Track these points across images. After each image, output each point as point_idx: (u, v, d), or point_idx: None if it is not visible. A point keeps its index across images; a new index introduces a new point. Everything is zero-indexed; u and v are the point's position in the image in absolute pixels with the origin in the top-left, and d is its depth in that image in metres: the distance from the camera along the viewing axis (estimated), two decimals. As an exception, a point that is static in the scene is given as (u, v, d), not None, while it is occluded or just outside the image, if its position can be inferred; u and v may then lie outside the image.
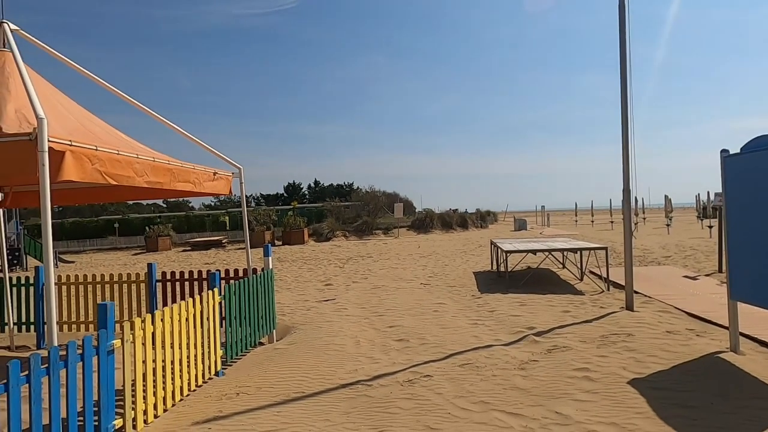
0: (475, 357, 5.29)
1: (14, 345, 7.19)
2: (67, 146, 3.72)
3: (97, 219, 39.14)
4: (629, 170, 7.05)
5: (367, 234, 29.41)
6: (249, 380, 5.01)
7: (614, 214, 34.67)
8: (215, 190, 6.42)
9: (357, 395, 4.42)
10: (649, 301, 7.79)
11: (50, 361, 3.12)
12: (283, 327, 7.44)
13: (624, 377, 4.46)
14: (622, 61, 7.03)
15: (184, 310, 4.69)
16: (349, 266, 15.56)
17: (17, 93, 4.74)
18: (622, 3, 6.98)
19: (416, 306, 8.32)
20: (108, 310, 3.65)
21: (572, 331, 6.13)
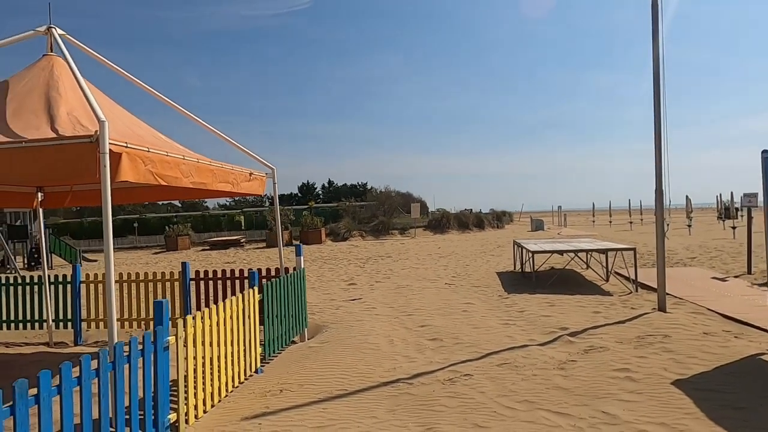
0: (512, 357, 5.32)
1: (53, 341, 7.38)
2: (124, 148, 3.82)
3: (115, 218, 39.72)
4: (662, 170, 7.02)
5: (384, 234, 29.48)
6: (289, 377, 5.10)
7: (633, 215, 34.34)
8: (250, 191, 6.51)
9: (399, 393, 4.48)
10: (680, 302, 7.74)
11: (115, 356, 3.22)
12: (314, 326, 7.52)
13: (666, 378, 4.46)
14: (655, 62, 7.01)
15: (229, 308, 4.79)
16: (370, 266, 15.63)
17: (67, 96, 4.87)
18: (655, 3, 6.95)
19: (444, 306, 8.36)
20: (164, 307, 3.75)
21: (607, 332, 6.13)
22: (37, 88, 4.88)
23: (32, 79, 5.02)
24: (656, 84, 7.02)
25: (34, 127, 4.29)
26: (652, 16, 7.02)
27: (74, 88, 5.06)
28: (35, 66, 5.25)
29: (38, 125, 4.33)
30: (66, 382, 2.80)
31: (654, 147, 7.06)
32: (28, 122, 4.36)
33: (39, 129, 4.24)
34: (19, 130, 4.19)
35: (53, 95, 4.81)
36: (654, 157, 7.07)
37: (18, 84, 4.96)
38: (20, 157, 3.75)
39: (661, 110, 6.98)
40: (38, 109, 4.58)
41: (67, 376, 2.80)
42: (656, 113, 7.04)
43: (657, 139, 7.03)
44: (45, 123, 4.37)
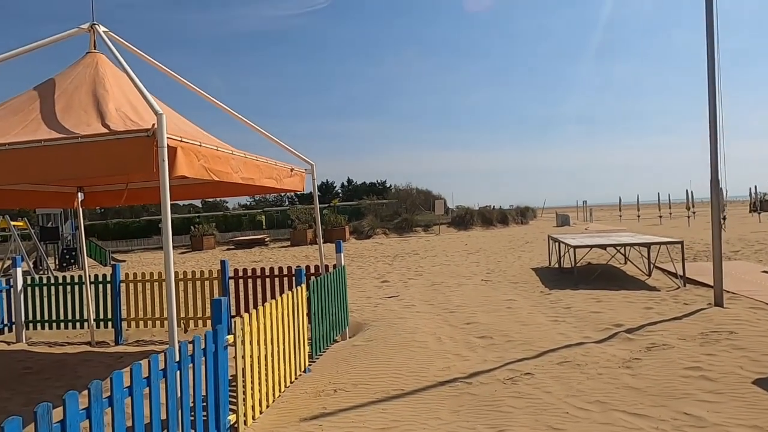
0: (571, 355, 5.11)
1: (95, 341, 7.39)
2: (179, 142, 3.72)
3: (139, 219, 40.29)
4: (717, 160, 6.71)
5: (407, 231, 29.29)
6: (341, 377, 4.96)
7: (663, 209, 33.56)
8: (292, 187, 6.38)
9: (459, 393, 4.31)
10: (734, 297, 7.40)
11: (181, 356, 3.11)
12: (355, 324, 7.39)
13: (746, 377, 4.20)
14: (709, 50, 6.69)
15: (282, 306, 4.67)
16: (398, 263, 15.47)
17: (113, 92, 4.79)
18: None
19: (486, 302, 8.15)
20: (223, 305, 3.64)
21: (665, 328, 5.86)
22: (84, 85, 4.83)
23: (78, 77, 4.97)
24: (711, 73, 6.70)
25: (86, 123, 4.21)
26: (706, 5, 6.70)
27: (119, 84, 5.00)
28: (80, 63, 5.20)
29: (89, 121, 4.25)
30: (137, 383, 2.70)
31: (709, 137, 6.75)
32: (78, 118, 4.29)
33: (90, 125, 4.16)
34: (71, 126, 4.12)
35: (100, 92, 4.74)
36: (709, 147, 6.76)
37: (65, 81, 4.91)
38: (76, 153, 3.67)
39: (716, 100, 6.66)
40: (87, 106, 4.51)
41: (138, 376, 2.70)
42: (711, 103, 6.73)
43: (712, 128, 6.72)
44: (95, 119, 4.30)
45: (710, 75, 6.70)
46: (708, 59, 6.71)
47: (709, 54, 6.70)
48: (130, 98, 4.82)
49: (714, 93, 6.66)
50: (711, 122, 6.72)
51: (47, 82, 4.99)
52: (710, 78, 6.69)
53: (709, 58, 6.71)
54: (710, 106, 6.72)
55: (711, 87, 6.69)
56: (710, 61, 6.70)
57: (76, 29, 5.12)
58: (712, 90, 6.67)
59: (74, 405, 2.24)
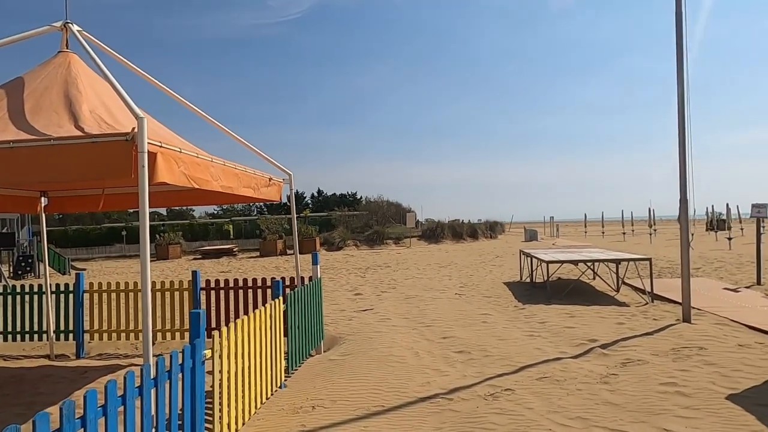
0: (549, 370, 5.13)
1: (54, 354, 7.01)
2: (159, 147, 3.58)
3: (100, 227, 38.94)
4: (686, 180, 6.93)
5: (378, 243, 29.25)
6: (318, 393, 4.84)
7: (626, 226, 34.59)
8: (269, 196, 6.26)
9: (441, 409, 4.25)
10: (700, 313, 7.62)
11: (158, 372, 2.95)
12: (330, 337, 7.26)
13: (719, 393, 4.29)
14: (679, 72, 6.95)
15: (260, 319, 4.53)
16: (371, 275, 15.38)
17: (87, 94, 4.61)
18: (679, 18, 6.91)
19: (461, 316, 8.15)
20: (201, 318, 3.49)
21: (638, 344, 5.97)
22: (55, 85, 4.62)
23: (49, 76, 4.76)
24: (680, 94, 6.96)
25: (57, 124, 4.02)
26: (676, 31, 6.98)
27: (93, 85, 4.81)
28: (51, 62, 4.99)
29: (60, 123, 4.06)
30: (111, 401, 2.53)
31: (678, 156, 6.98)
32: (49, 119, 4.09)
33: (62, 127, 3.97)
34: (42, 127, 3.92)
35: (73, 92, 4.54)
36: (678, 166, 6.99)
37: (34, 81, 4.69)
38: (48, 156, 3.48)
39: (685, 120, 6.91)
40: (59, 107, 4.31)
41: (112, 395, 2.53)
42: (680, 123, 6.97)
43: (681, 148, 6.96)
44: (68, 121, 4.10)
45: (680, 99, 6.95)
46: (678, 84, 6.97)
47: (679, 79, 6.96)
48: (104, 100, 4.63)
49: (683, 116, 6.91)
50: (680, 143, 6.96)
51: (15, 81, 4.75)
52: (680, 101, 6.94)
53: (679, 83, 6.97)
54: (679, 129, 6.96)
55: (680, 110, 6.94)
56: (680, 86, 6.96)
57: (47, 27, 4.91)
58: (681, 113, 6.92)
59: (45, 427, 2.08)
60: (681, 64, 6.94)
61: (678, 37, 6.94)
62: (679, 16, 6.92)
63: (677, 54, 6.96)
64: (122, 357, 6.82)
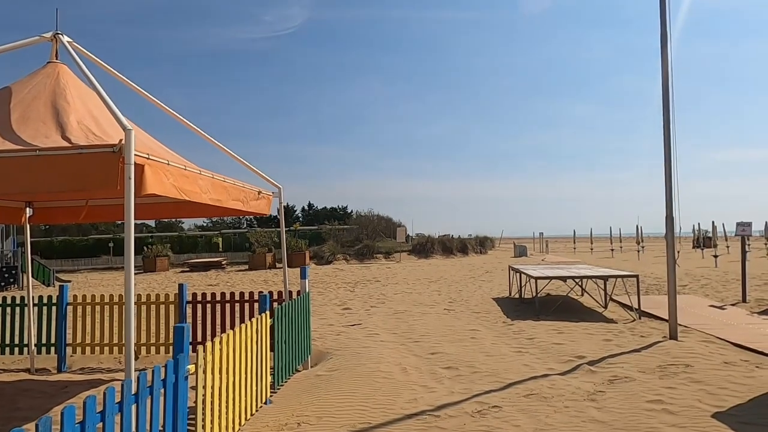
0: (536, 387, 5.11)
1: (34, 368, 6.86)
2: (146, 159, 3.56)
3: (87, 238, 38.46)
4: (672, 197, 7.03)
5: (368, 258, 29.16)
6: (304, 409, 4.77)
7: (614, 242, 34.87)
8: (258, 210, 6.23)
9: (428, 426, 4.21)
10: (687, 330, 7.67)
11: (139, 388, 2.89)
12: (317, 353, 7.19)
13: (704, 410, 4.30)
14: (664, 90, 7.08)
15: (245, 334, 4.48)
16: (360, 290, 15.31)
17: (75, 105, 4.59)
18: (664, 34, 7.06)
19: (449, 332, 8.12)
20: (185, 333, 3.44)
21: (625, 361, 5.98)
22: (43, 96, 4.60)
23: (37, 86, 4.73)
24: (666, 112, 7.08)
25: (44, 135, 3.99)
26: (661, 45, 7.13)
27: (81, 96, 4.80)
28: (39, 73, 4.97)
29: (47, 133, 4.03)
30: (90, 418, 2.48)
31: (664, 174, 7.07)
32: (36, 130, 4.06)
33: (49, 137, 3.95)
34: (28, 137, 3.89)
35: (61, 103, 4.52)
36: (664, 183, 7.08)
37: (22, 91, 4.66)
38: (33, 167, 3.44)
39: (671, 138, 7.02)
40: (46, 117, 4.28)
41: (91, 411, 2.48)
42: (666, 141, 7.09)
43: (667, 166, 7.06)
44: (55, 132, 4.08)
45: (665, 117, 7.07)
46: (663, 102, 7.10)
47: (665, 98, 7.09)
48: (93, 111, 4.61)
49: (669, 135, 7.03)
50: (666, 161, 7.06)
51: (2, 90, 4.72)
52: (665, 120, 7.06)
53: (664, 102, 7.10)
54: (665, 147, 7.07)
55: (666, 129, 7.06)
56: (665, 104, 7.08)
57: (37, 37, 4.90)
58: (667, 132, 7.04)
59: (20, 444, 2.03)
60: (666, 83, 7.07)
61: (663, 56, 7.09)
62: (664, 36, 7.07)
63: (662, 73, 7.10)
64: (105, 371, 6.68)
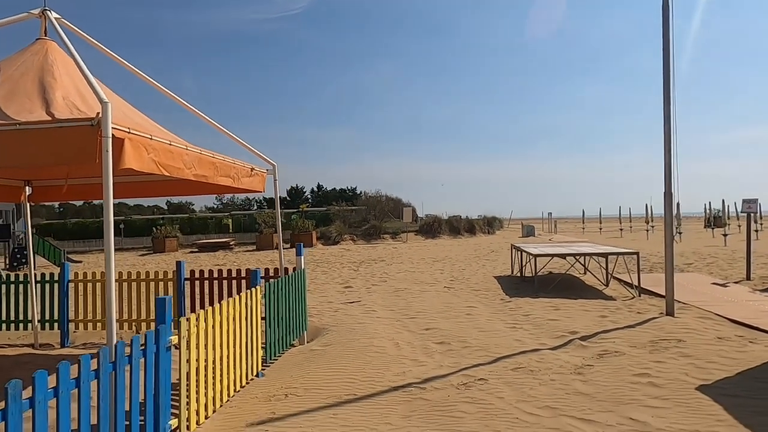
0: (525, 361, 5.13)
1: (38, 343, 7.03)
2: (126, 133, 3.57)
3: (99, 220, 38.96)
4: (671, 173, 6.91)
5: (375, 238, 29.24)
6: (294, 382, 4.85)
7: (624, 222, 34.56)
8: (251, 187, 6.25)
9: (413, 398, 4.26)
10: (685, 307, 7.62)
11: (116, 356, 2.96)
12: (314, 328, 7.27)
13: (690, 383, 4.29)
14: (666, 67, 6.92)
15: (231, 308, 4.53)
16: (364, 269, 15.39)
17: (62, 81, 4.60)
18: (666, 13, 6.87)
19: (446, 309, 8.15)
20: (167, 304, 3.49)
21: (618, 336, 5.97)
22: (31, 72, 4.61)
23: (25, 63, 4.75)
24: (666, 88, 6.93)
25: (28, 110, 4.02)
26: (663, 25, 6.94)
27: (69, 73, 4.80)
28: (28, 50, 4.98)
29: (32, 109, 4.06)
30: (64, 383, 2.54)
31: (663, 150, 6.96)
32: (21, 105, 4.08)
33: (33, 113, 3.98)
34: (13, 113, 3.92)
35: (48, 80, 4.54)
36: (663, 159, 6.97)
37: (10, 68, 4.68)
38: (13, 141, 3.48)
39: (671, 114, 6.89)
40: (32, 93, 4.31)
41: (64, 377, 2.54)
42: (666, 117, 6.95)
43: (666, 142, 6.93)
44: (40, 107, 4.11)
45: (666, 92, 6.92)
46: (664, 76, 6.94)
47: (665, 72, 6.93)
48: (80, 88, 4.63)
49: (668, 109, 6.88)
50: (665, 137, 6.93)
51: (-9, 68, 4.73)
52: (666, 93, 6.91)
53: (665, 76, 6.94)
54: (665, 123, 6.94)
55: (666, 102, 6.92)
56: (666, 78, 6.93)
57: (25, 14, 4.88)
58: (667, 105, 6.90)
59: (-13, 406, 2.09)
60: (667, 59, 6.91)
61: (665, 34, 6.90)
62: (666, 16, 6.88)
63: (663, 50, 6.93)
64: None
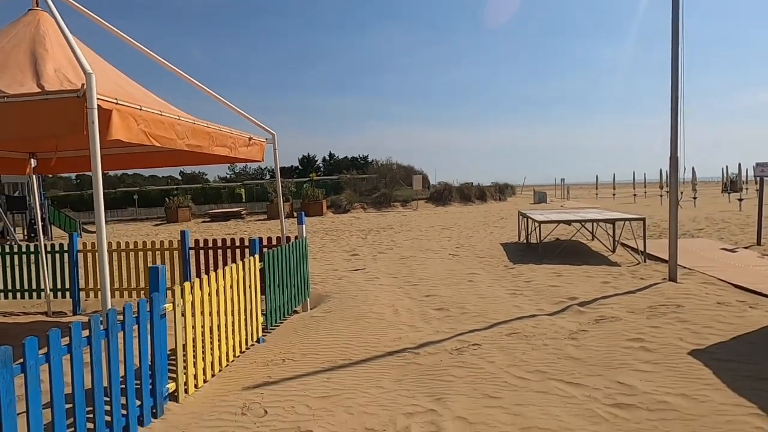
0: (521, 326, 5.17)
1: (51, 311, 7.26)
2: (114, 104, 3.58)
3: (115, 191, 39.50)
4: (678, 137, 6.75)
5: (386, 206, 29.27)
6: (292, 347, 4.96)
7: (638, 188, 34.05)
8: (249, 156, 6.25)
9: (406, 363, 4.34)
10: (690, 273, 7.57)
11: (108, 323, 3.05)
12: (317, 295, 7.39)
13: (683, 348, 4.30)
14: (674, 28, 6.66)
15: (229, 276, 4.62)
16: (372, 237, 15.47)
17: (54, 52, 4.60)
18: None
19: (449, 276, 8.20)
20: (159, 273, 3.57)
21: (617, 302, 5.97)
22: (23, 44, 4.61)
23: (17, 35, 4.74)
24: (674, 50, 6.68)
25: (19, 83, 4.03)
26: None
27: (61, 44, 4.78)
28: (20, 21, 4.97)
29: (23, 81, 4.07)
30: (54, 349, 2.63)
31: (670, 112, 6.77)
32: (13, 78, 4.10)
33: (24, 85, 3.99)
34: (3, 86, 3.93)
35: (39, 51, 4.53)
36: (670, 122, 6.79)
37: (2, 40, 4.68)
38: (1, 113, 3.51)
39: (678, 77, 6.66)
40: (24, 65, 4.31)
41: (55, 343, 2.63)
42: (673, 80, 6.73)
43: (674, 104, 6.73)
44: (30, 79, 4.12)
45: (674, 51, 6.68)
46: (672, 36, 6.69)
47: (674, 33, 6.67)
48: (71, 59, 4.61)
49: (676, 72, 6.66)
50: (672, 100, 6.73)
51: (-17, 40, 4.74)
52: (673, 54, 6.68)
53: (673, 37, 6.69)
54: (672, 85, 6.72)
55: (674, 66, 6.69)
56: (674, 37, 6.68)
57: (16, -16, 4.86)
58: (675, 69, 6.67)
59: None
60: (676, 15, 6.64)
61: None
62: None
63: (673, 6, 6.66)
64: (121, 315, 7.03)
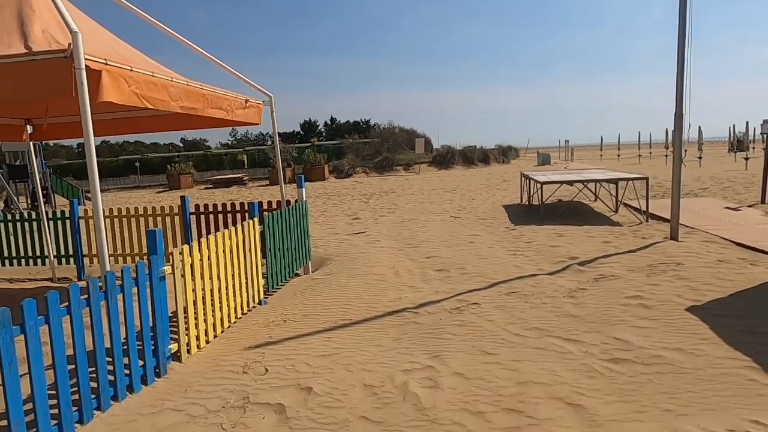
0: (520, 285, 5.20)
1: (56, 277, 7.35)
2: (103, 65, 3.50)
3: (117, 158, 39.43)
4: (683, 94, 6.59)
5: (388, 170, 29.11)
6: (293, 308, 5.02)
7: (643, 149, 33.67)
8: (246, 119, 6.17)
9: (405, 322, 4.39)
10: (692, 231, 7.54)
11: (107, 286, 3.07)
12: (318, 258, 7.43)
13: (681, 305, 4.33)
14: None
15: (228, 239, 4.62)
16: (374, 201, 15.45)
17: (41, 13, 4.47)
18: None
19: (450, 238, 8.22)
20: (157, 236, 3.57)
21: (617, 261, 5.98)
22: (9, 6, 4.48)
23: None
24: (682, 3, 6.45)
25: (6, 44, 3.93)
26: None
27: (48, 5, 4.64)
28: (5, -19, 4.79)
29: (11, 43, 3.97)
30: (53, 310, 2.66)
31: (676, 69, 6.59)
32: (0, 40, 4.00)
33: (11, 47, 3.89)
34: (-11, 48, 3.85)
35: (26, 12, 4.41)
36: (675, 79, 6.62)
37: (-12, 1, 4.54)
38: (-11, 76, 3.44)
39: (686, 32, 6.45)
40: (10, 27, 4.20)
41: (53, 304, 2.66)
42: (680, 35, 6.52)
43: (680, 60, 6.55)
44: (18, 41, 4.01)
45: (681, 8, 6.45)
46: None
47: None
48: (59, 20, 4.47)
49: (683, 27, 6.45)
50: (678, 56, 6.55)
51: (-32, 2, 4.60)
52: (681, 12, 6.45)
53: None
54: (678, 41, 6.52)
55: (681, 21, 6.47)
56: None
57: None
58: (682, 24, 6.45)
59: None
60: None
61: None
62: None
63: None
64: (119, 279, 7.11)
